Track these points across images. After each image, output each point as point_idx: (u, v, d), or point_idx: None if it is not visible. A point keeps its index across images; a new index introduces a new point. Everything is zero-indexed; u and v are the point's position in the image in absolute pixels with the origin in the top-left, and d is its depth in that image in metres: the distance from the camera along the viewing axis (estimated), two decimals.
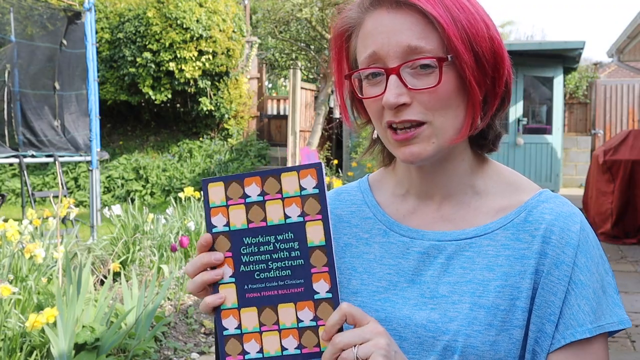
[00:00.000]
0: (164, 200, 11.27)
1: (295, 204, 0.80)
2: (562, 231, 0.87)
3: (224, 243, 0.80)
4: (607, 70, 16.40)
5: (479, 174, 0.94)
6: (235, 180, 0.81)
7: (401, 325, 0.89)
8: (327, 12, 8.34)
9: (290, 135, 9.91)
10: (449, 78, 0.84)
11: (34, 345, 3.11)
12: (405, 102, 0.84)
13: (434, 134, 0.86)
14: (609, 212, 7.47)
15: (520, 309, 0.86)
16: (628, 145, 7.55)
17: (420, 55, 0.83)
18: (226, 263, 0.80)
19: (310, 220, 0.80)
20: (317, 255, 0.80)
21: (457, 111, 0.86)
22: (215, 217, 0.81)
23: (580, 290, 0.85)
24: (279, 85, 18.44)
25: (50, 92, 8.09)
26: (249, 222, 0.80)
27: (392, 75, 0.84)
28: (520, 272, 0.87)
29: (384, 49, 0.84)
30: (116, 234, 5.43)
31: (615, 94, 12.82)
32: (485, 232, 0.90)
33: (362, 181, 1.05)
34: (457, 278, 0.88)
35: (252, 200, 0.81)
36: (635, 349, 3.92)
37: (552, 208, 0.89)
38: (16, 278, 3.84)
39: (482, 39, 0.85)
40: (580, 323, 0.84)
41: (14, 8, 7.62)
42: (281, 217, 0.80)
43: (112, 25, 12.03)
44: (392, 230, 0.95)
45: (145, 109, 12.85)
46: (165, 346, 3.63)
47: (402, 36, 0.83)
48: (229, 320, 0.78)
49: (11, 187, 11.62)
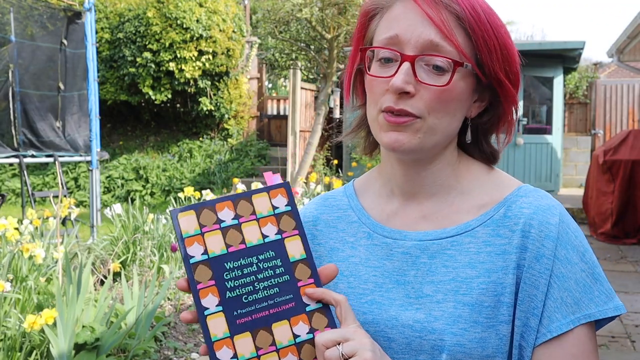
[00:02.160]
0: (164, 200, 11.27)
1: (270, 223, 0.81)
2: (540, 224, 0.87)
3: (204, 272, 0.77)
4: (607, 70, 16.40)
5: (464, 175, 0.95)
6: (206, 207, 0.80)
7: (388, 327, 0.89)
8: (327, 12, 8.33)
9: (290, 135, 9.91)
10: (459, 83, 0.86)
11: (34, 345, 3.11)
12: (409, 91, 0.84)
13: (422, 130, 0.86)
14: (609, 212, 7.47)
15: (505, 304, 0.85)
16: (628, 145, 7.55)
17: (439, 53, 0.84)
18: (210, 292, 0.77)
19: (288, 236, 0.82)
20: (300, 268, 0.81)
21: (452, 119, 0.88)
22: (191, 247, 0.78)
23: (562, 282, 0.85)
24: (279, 85, 18.44)
25: (53, 93, 8.09)
26: (228, 246, 0.79)
27: (406, 62, 0.84)
28: (502, 267, 0.87)
29: (407, 35, 0.85)
30: (116, 234, 5.43)
31: (615, 94, 12.81)
32: (466, 230, 0.90)
33: (347, 186, 1.06)
34: (440, 277, 0.89)
35: (227, 224, 0.80)
36: (635, 349, 3.92)
37: (531, 202, 0.89)
38: (16, 278, 3.84)
39: (514, 63, 0.89)
40: (564, 315, 0.84)
41: (14, 8, 7.62)
42: (259, 237, 0.80)
43: (112, 25, 12.03)
44: (376, 233, 0.96)
45: (145, 109, 12.85)
46: (165, 346, 3.63)
47: (428, 30, 0.84)
48: (223, 351, 0.75)
49: (11, 187, 11.62)
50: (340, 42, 8.72)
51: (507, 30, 0.89)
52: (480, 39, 0.85)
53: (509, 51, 0.88)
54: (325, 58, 9.04)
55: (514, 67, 0.89)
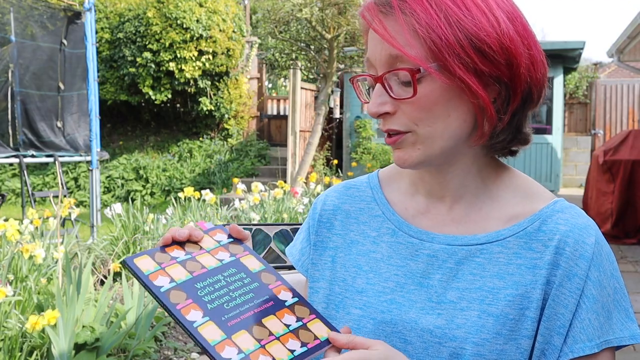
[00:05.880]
0: (164, 200, 11.27)
1: (220, 251, 0.86)
2: (576, 243, 0.85)
3: (179, 295, 0.78)
4: (607, 70, 16.39)
5: (493, 179, 0.92)
6: (157, 251, 0.83)
7: (407, 329, 0.88)
8: (327, 12, 8.33)
9: (290, 135, 9.91)
10: (433, 87, 0.81)
11: (34, 346, 3.11)
12: (388, 111, 0.83)
13: (419, 141, 0.84)
14: (609, 212, 7.47)
15: (530, 319, 0.84)
16: (628, 145, 7.55)
17: (401, 64, 0.81)
18: (192, 308, 0.77)
19: (242, 256, 0.87)
20: (265, 275, 0.85)
21: (448, 120, 0.83)
22: (157, 280, 0.79)
23: (591, 304, 0.83)
24: (279, 85, 18.43)
25: (53, 93, 8.09)
26: (191, 272, 0.82)
27: (377, 83, 0.84)
28: (531, 281, 0.85)
29: (373, 56, 0.84)
30: (116, 234, 5.43)
31: (615, 94, 12.82)
32: (497, 239, 0.88)
33: (371, 176, 1.02)
34: (466, 284, 0.87)
35: (182, 259, 0.83)
36: (635, 349, 3.92)
37: (568, 219, 0.87)
38: (16, 278, 3.84)
39: (487, 35, 0.78)
40: (589, 338, 0.83)
41: (14, 8, 7.62)
42: (217, 262, 0.84)
43: (112, 25, 12.03)
44: (401, 230, 0.93)
45: (145, 109, 12.85)
46: (165, 346, 3.63)
47: (386, 44, 0.81)
48: (227, 350, 0.74)
49: (11, 187, 11.62)
50: (340, 42, 8.72)
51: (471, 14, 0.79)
52: (438, 36, 0.78)
53: (475, 37, 0.78)
54: (325, 58, 9.04)
55: (491, 46, 0.79)
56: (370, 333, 0.90)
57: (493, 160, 0.93)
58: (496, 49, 0.79)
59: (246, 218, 5.70)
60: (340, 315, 0.94)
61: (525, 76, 0.82)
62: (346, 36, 8.68)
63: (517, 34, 0.81)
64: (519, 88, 0.82)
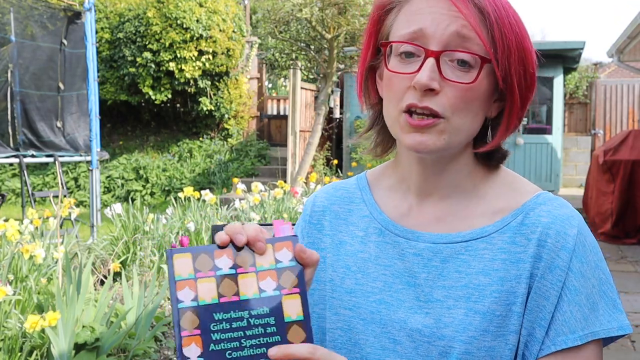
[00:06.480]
0: (164, 200, 11.27)
1: (270, 277, 0.74)
2: (558, 235, 0.84)
3: (191, 320, 0.72)
4: (607, 70, 16.39)
5: (481, 177, 0.92)
6: (204, 251, 0.75)
7: (395, 329, 0.87)
8: (327, 12, 8.33)
9: (290, 135, 9.91)
10: (486, 82, 0.83)
11: (34, 346, 3.11)
12: (434, 88, 0.80)
13: (447, 131, 0.83)
14: (609, 212, 7.47)
15: (516, 314, 0.83)
16: (628, 145, 7.56)
17: (465, 48, 0.81)
18: (193, 342, 0.71)
19: (288, 293, 0.74)
20: (294, 330, 0.73)
21: (474, 118, 0.84)
22: (182, 291, 0.73)
23: (573, 296, 0.82)
24: (279, 85, 18.43)
25: (53, 93, 8.09)
26: (220, 296, 0.73)
27: (430, 57, 0.80)
28: (516, 276, 0.84)
29: (432, 29, 0.81)
30: (116, 234, 5.43)
31: (615, 94, 12.82)
32: (482, 235, 0.87)
33: (360, 177, 1.02)
34: (452, 282, 0.86)
35: (223, 272, 0.74)
36: (635, 349, 3.92)
37: (550, 210, 0.86)
38: (16, 278, 3.84)
39: (531, 64, 0.85)
40: (571, 330, 0.81)
41: (14, 8, 7.62)
42: (255, 291, 0.74)
43: (112, 25, 12.03)
44: (388, 230, 0.93)
45: (145, 109, 12.85)
46: (165, 346, 3.63)
47: (456, 22, 0.80)
48: None
49: (11, 187, 11.62)
50: (340, 42, 8.72)
51: (525, 29, 0.86)
52: (501, 35, 0.82)
53: (525, 52, 0.85)
54: (325, 58, 9.04)
55: (530, 67, 0.85)
56: (360, 334, 0.90)
57: (481, 158, 0.93)
58: (530, 80, 0.86)
59: (246, 218, 5.70)
60: (330, 316, 0.94)
61: (527, 106, 0.89)
62: (346, 36, 8.67)
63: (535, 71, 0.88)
64: (522, 113, 0.89)
